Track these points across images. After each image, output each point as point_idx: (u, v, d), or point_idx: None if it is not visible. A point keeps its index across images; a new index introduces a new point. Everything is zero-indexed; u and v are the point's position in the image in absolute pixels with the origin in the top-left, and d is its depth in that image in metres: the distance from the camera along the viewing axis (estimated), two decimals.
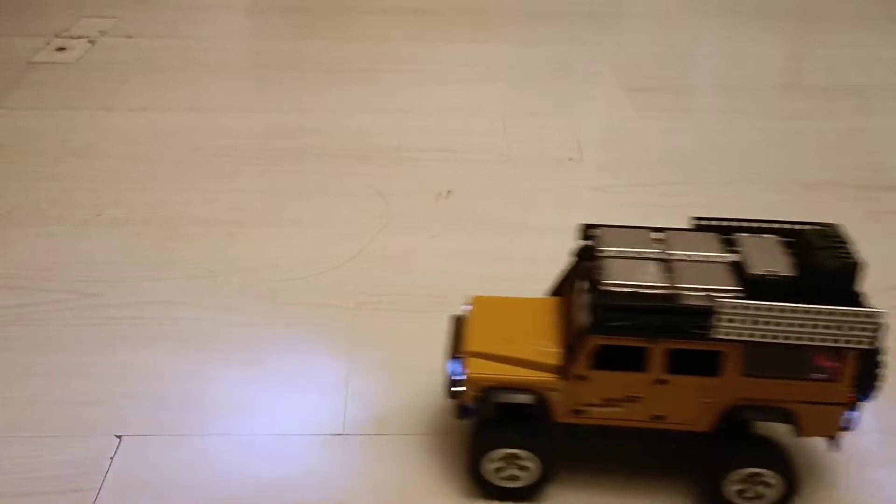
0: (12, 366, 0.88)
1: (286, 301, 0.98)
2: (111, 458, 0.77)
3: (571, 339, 0.71)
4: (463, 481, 0.75)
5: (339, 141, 1.35)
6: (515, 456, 0.72)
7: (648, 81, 1.62)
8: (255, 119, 1.44)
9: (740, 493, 0.72)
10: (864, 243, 1.13)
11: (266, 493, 0.75)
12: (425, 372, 0.89)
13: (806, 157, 1.35)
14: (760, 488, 0.72)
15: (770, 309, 0.66)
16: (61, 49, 1.67)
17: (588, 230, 0.77)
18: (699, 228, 0.79)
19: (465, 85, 1.59)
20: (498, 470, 0.72)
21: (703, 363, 0.70)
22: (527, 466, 0.72)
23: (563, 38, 1.82)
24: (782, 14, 2.03)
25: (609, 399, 0.71)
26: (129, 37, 1.75)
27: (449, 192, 1.21)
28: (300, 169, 1.26)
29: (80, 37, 1.73)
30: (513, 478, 0.73)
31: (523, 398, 0.71)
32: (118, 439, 0.79)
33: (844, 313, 0.68)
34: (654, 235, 0.76)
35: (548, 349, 0.72)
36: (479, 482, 0.74)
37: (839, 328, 0.67)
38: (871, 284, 1.05)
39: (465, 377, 0.72)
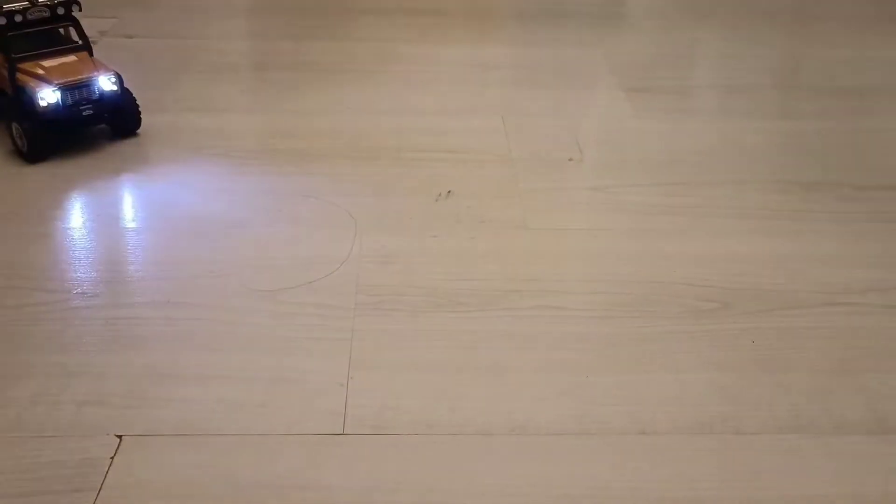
0: (12, 366, 0.88)
1: (286, 301, 0.98)
2: (111, 458, 0.77)
3: None
4: (461, 479, 0.76)
5: (339, 141, 1.35)
6: None
7: (648, 82, 1.62)
8: (255, 119, 1.44)
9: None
10: (864, 243, 1.13)
11: (266, 493, 0.75)
12: (425, 372, 0.89)
13: (806, 157, 1.35)
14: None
15: None
16: None
17: None
18: None
19: (465, 85, 1.59)
20: None
21: None
22: None
23: (562, 39, 1.82)
24: (782, 14, 2.04)
25: None
26: (130, 37, 1.74)
27: (449, 192, 1.21)
28: (300, 169, 1.26)
29: None
30: None
31: None
32: (118, 439, 0.79)
33: None
34: None
35: None
36: None
37: None
38: (871, 284, 1.06)
39: None
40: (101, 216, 1.13)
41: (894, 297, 1.03)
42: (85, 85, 1.26)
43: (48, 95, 1.22)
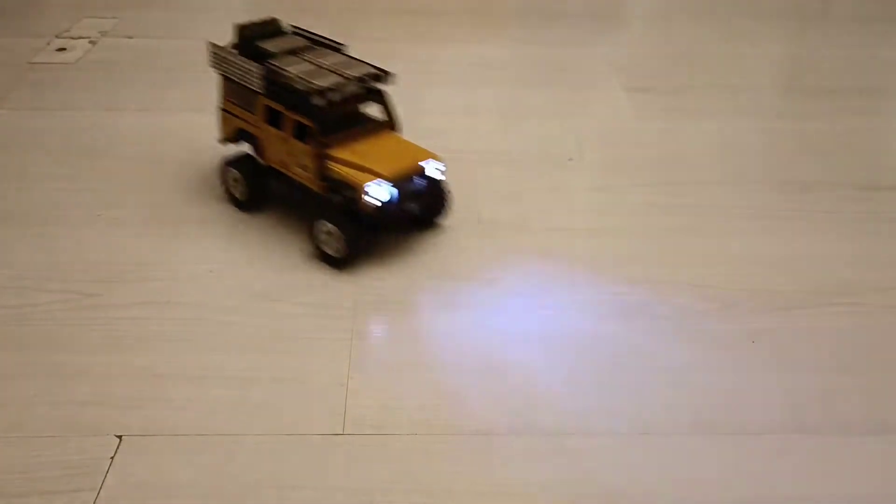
0: (12, 366, 0.88)
1: (286, 301, 0.98)
2: (111, 458, 0.77)
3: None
4: (463, 481, 0.76)
5: None
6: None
7: (648, 82, 1.62)
8: None
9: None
10: (864, 243, 1.13)
11: (266, 493, 0.75)
12: (426, 372, 0.89)
13: (806, 157, 1.35)
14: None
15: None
16: (62, 49, 1.67)
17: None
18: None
19: (465, 85, 1.58)
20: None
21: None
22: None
23: (562, 39, 1.82)
24: (783, 14, 2.04)
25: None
26: (130, 37, 1.75)
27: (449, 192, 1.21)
28: None
29: (80, 37, 1.73)
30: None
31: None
32: (118, 439, 0.79)
33: None
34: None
35: None
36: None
37: None
38: (871, 284, 1.06)
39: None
40: (101, 216, 1.13)
41: (894, 297, 1.03)
42: (413, 176, 1.02)
43: (378, 193, 0.99)
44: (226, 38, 1.14)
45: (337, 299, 0.98)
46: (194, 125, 1.38)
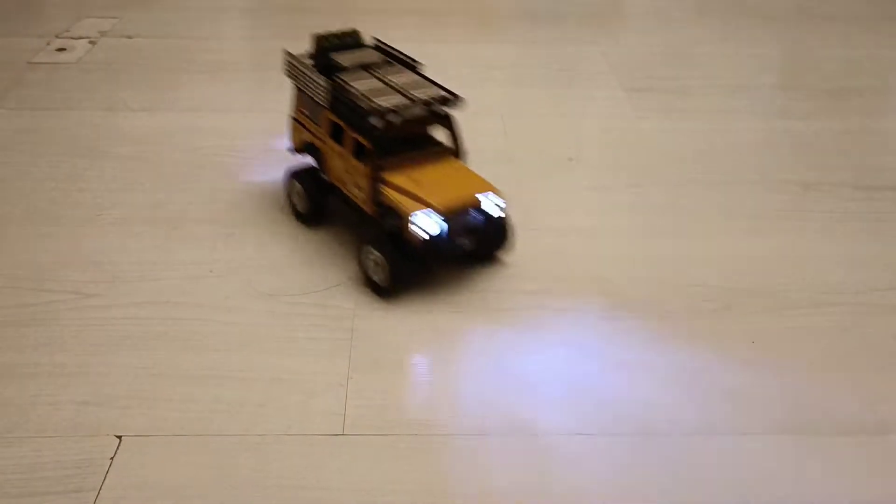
0: (12, 366, 0.88)
1: (286, 301, 0.98)
2: (111, 458, 0.77)
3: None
4: (456, 477, 0.76)
5: None
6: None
7: (648, 82, 1.62)
8: (255, 119, 1.43)
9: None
10: (864, 243, 1.13)
11: (266, 493, 0.75)
12: (426, 372, 0.89)
13: (806, 157, 1.35)
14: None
15: None
16: (62, 49, 1.67)
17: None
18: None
19: (465, 85, 1.58)
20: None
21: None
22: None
23: (562, 38, 1.82)
24: (782, 14, 2.03)
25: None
26: (130, 37, 1.75)
27: None
28: None
29: (80, 37, 1.73)
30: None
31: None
32: (118, 439, 0.79)
33: None
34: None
35: None
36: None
37: None
38: (872, 284, 1.06)
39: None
40: (101, 216, 1.13)
41: (894, 297, 1.03)
42: (469, 209, 0.97)
43: (427, 224, 0.94)
44: (225, 38, 1.14)
45: (337, 299, 0.98)
46: (194, 125, 1.38)
